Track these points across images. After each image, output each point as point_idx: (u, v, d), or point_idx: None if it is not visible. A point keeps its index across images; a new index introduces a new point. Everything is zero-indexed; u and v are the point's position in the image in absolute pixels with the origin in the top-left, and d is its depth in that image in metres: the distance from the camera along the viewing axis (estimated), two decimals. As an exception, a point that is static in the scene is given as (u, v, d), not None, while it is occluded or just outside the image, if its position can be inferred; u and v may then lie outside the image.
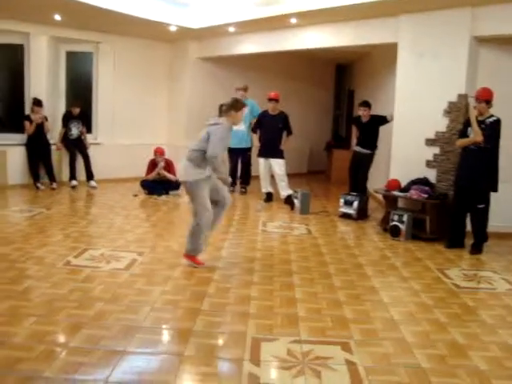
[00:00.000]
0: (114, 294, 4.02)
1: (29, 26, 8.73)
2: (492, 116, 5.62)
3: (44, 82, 9.14)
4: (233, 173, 9.32)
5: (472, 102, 5.88)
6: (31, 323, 3.38)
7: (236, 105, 4.90)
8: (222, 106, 4.98)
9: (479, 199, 5.77)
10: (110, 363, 2.90)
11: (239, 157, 9.24)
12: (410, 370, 3.00)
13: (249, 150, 9.13)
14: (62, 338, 3.24)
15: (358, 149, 7.84)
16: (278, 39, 8.64)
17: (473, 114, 5.70)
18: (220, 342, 3.31)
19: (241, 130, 8.87)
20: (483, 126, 5.59)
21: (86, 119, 9.44)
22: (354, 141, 8.02)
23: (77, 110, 9.14)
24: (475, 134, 5.62)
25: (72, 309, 3.68)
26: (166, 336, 3.43)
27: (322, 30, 7.96)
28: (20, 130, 8.84)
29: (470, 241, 5.93)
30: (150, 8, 8.18)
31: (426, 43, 6.57)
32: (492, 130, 5.57)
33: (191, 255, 4.86)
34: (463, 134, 5.86)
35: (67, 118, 9.12)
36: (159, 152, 8.87)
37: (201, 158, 4.70)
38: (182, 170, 4.84)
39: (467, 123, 5.82)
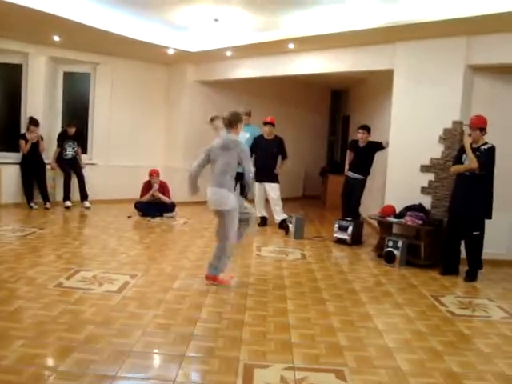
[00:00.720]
0: (105, 317, 3.96)
1: (28, 46, 8.80)
2: (487, 143, 5.66)
3: (41, 102, 9.17)
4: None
5: (466, 129, 5.92)
6: (20, 345, 3.31)
7: (240, 116, 5.04)
8: (224, 119, 5.01)
9: (474, 226, 5.77)
10: (99, 388, 2.85)
11: (238, 181, 9.18)
12: (404, 399, 2.96)
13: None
14: (51, 362, 3.18)
15: (350, 174, 7.84)
16: (275, 64, 8.71)
17: (467, 141, 5.73)
18: (212, 367, 3.25)
19: None
20: (478, 153, 5.62)
21: (81, 139, 9.44)
22: (346, 166, 8.02)
23: (72, 130, 9.14)
24: (470, 161, 5.64)
25: (62, 331, 3.61)
26: (157, 361, 3.37)
27: (319, 55, 8.03)
28: (15, 148, 8.83)
29: (465, 268, 5.91)
30: (148, 31, 8.25)
31: (422, 70, 6.64)
32: (487, 157, 5.59)
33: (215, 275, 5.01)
34: (458, 160, 5.88)
35: (62, 138, 9.12)
36: (154, 173, 8.86)
37: (231, 180, 4.88)
38: (221, 198, 4.88)
39: (462, 150, 5.85)
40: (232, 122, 4.95)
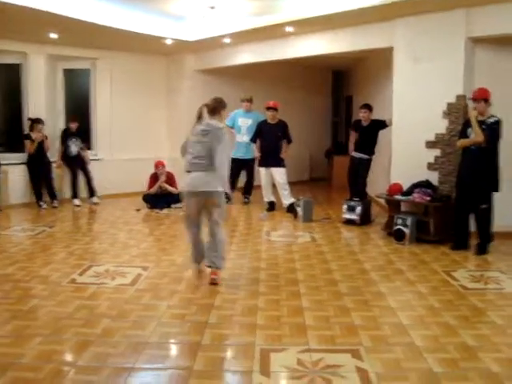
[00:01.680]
0: (120, 310, 4.00)
1: (26, 45, 8.80)
2: (492, 116, 5.63)
3: (42, 101, 9.18)
4: (234, 183, 9.30)
5: (471, 103, 5.89)
6: (38, 343, 3.35)
7: (224, 103, 4.89)
8: (207, 106, 4.83)
9: (482, 199, 5.76)
10: (119, 380, 2.88)
11: (243, 167, 9.21)
12: (421, 374, 2.97)
13: (253, 160, 9.10)
14: (69, 357, 3.22)
15: (355, 154, 7.82)
16: (274, 48, 8.68)
17: (473, 114, 5.70)
18: (229, 354, 3.28)
19: (242, 141, 8.93)
20: (484, 126, 5.59)
21: (84, 135, 9.43)
22: (351, 146, 7.98)
23: (75, 126, 9.13)
24: (476, 135, 5.62)
25: (79, 327, 3.65)
26: (174, 351, 3.40)
27: (318, 37, 7.99)
28: (20, 149, 8.85)
29: (475, 241, 5.90)
30: (145, 22, 8.21)
31: (422, 46, 6.58)
32: (493, 130, 5.57)
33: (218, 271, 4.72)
34: (463, 134, 5.86)
35: (65, 135, 9.13)
36: (160, 164, 8.88)
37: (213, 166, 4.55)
38: (206, 180, 4.51)
39: (467, 124, 5.82)
40: (215, 109, 4.80)
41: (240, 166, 9.13)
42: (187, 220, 4.76)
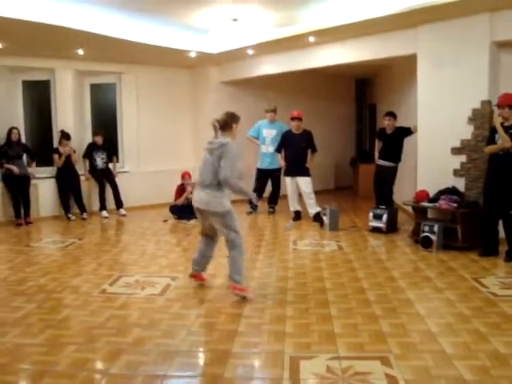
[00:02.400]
0: (150, 320, 4.06)
1: (54, 62, 9.03)
2: None
3: (70, 115, 9.38)
4: (260, 193, 9.35)
5: (496, 110, 5.85)
6: (72, 351, 3.43)
7: (236, 117, 4.72)
8: (218, 121, 4.72)
9: (510, 205, 5.70)
10: (151, 388, 2.94)
11: (269, 177, 9.29)
12: (451, 381, 2.96)
13: (279, 170, 9.15)
14: (102, 365, 3.28)
15: (381, 162, 7.79)
16: (297, 58, 8.73)
17: (497, 121, 5.68)
18: (258, 362, 3.31)
19: (267, 152, 9.01)
20: (511, 131, 5.55)
21: (111, 148, 9.61)
22: (376, 154, 7.98)
23: (100, 139, 9.30)
24: (503, 141, 5.59)
25: (110, 336, 3.72)
26: (204, 358, 3.44)
27: (340, 46, 8.02)
28: (49, 163, 9.05)
29: (505, 248, 5.84)
30: (169, 36, 8.35)
31: (446, 52, 6.57)
32: None
33: (239, 286, 4.55)
34: (491, 140, 5.82)
35: (91, 149, 9.31)
36: (187, 175, 8.97)
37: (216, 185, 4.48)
38: (212, 200, 4.48)
39: (494, 129, 5.78)
40: (226, 123, 4.66)
41: (266, 176, 9.21)
42: (200, 229, 4.95)
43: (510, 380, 2.98)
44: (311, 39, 7.95)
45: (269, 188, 9.45)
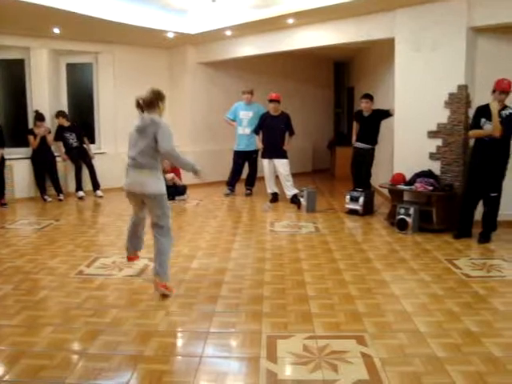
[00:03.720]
0: (128, 301, 4.07)
1: (28, 40, 8.82)
2: (507, 107, 5.64)
3: (46, 95, 9.21)
4: (237, 175, 9.38)
5: (497, 94, 5.70)
6: (49, 332, 3.43)
7: (161, 95, 4.44)
8: (143, 99, 4.43)
9: (492, 188, 5.79)
10: (129, 368, 2.95)
11: (246, 160, 9.31)
12: (425, 359, 3.04)
13: (255, 152, 9.18)
14: (80, 346, 3.28)
15: (358, 145, 7.84)
16: (276, 40, 8.70)
17: (495, 108, 5.62)
18: (236, 341, 3.35)
19: (244, 133, 9.02)
20: (500, 118, 5.59)
21: (79, 129, 9.42)
22: (353, 137, 8.02)
23: (63, 121, 9.16)
24: (494, 129, 5.59)
25: (88, 317, 3.73)
26: (182, 339, 3.47)
27: (319, 28, 8.01)
28: (24, 143, 8.92)
29: (478, 230, 5.95)
30: (147, 16, 8.25)
31: (423, 36, 6.60)
32: (509, 122, 5.58)
33: (166, 283, 4.22)
34: (476, 124, 5.84)
35: (61, 131, 9.18)
36: None
37: (157, 163, 4.20)
38: (150, 182, 4.16)
39: (480, 114, 5.79)
40: (151, 103, 4.37)
41: (243, 158, 9.22)
42: (133, 209, 4.53)
43: (479, 356, 3.07)
44: (290, 21, 7.92)
45: (246, 170, 9.46)
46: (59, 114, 9.18)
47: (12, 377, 2.84)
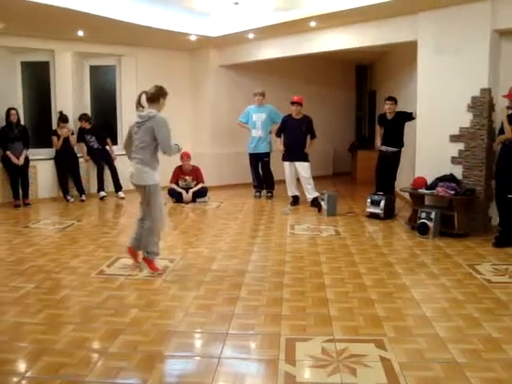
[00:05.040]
0: (148, 301, 4.10)
1: (53, 43, 8.97)
2: None
3: (69, 97, 9.35)
4: (257, 176, 9.42)
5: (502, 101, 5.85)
6: (70, 330, 3.48)
7: (164, 91, 4.85)
8: (145, 93, 4.84)
9: (509, 189, 5.77)
10: (148, 367, 2.97)
11: (257, 161, 9.34)
12: (445, 365, 3.00)
13: (267, 155, 9.21)
14: (100, 344, 3.32)
15: (384, 148, 7.79)
16: (298, 43, 8.71)
17: (504, 112, 5.75)
18: (254, 343, 3.35)
19: (257, 136, 9.06)
20: None
21: (101, 131, 9.51)
22: (378, 141, 7.99)
23: (85, 124, 9.26)
24: (506, 132, 5.70)
25: (108, 316, 3.76)
26: (201, 339, 3.48)
27: (341, 31, 8.00)
28: (48, 144, 9.05)
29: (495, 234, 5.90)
30: (170, 19, 8.32)
31: (446, 39, 6.55)
32: None
33: (150, 259, 4.87)
34: (502, 131, 5.90)
35: (82, 133, 9.30)
36: (185, 156, 8.91)
37: (152, 156, 4.72)
38: (139, 174, 4.73)
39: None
40: (154, 97, 4.78)
41: (255, 160, 9.28)
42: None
43: (500, 362, 3.02)
44: (312, 24, 7.92)
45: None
46: (81, 117, 9.30)
47: (33, 373, 2.88)
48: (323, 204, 7.78)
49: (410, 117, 7.46)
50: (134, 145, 4.79)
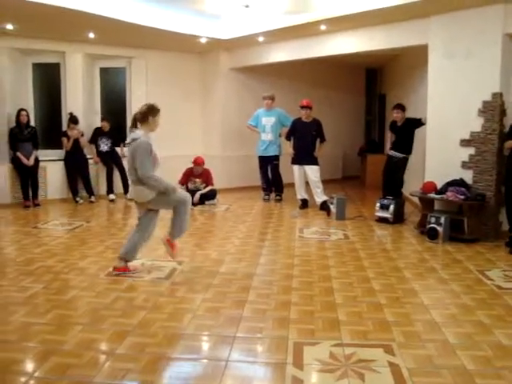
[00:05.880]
0: (156, 303, 4.10)
1: (64, 45, 9.02)
2: None
3: (80, 99, 9.39)
4: (266, 179, 9.42)
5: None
6: (78, 331, 3.48)
7: (153, 109, 4.81)
8: (136, 114, 4.87)
9: None
10: (156, 369, 2.97)
11: (266, 165, 9.34)
12: (454, 371, 2.97)
13: (276, 158, 9.22)
14: (108, 346, 3.32)
15: (391, 153, 7.79)
16: (308, 46, 8.70)
17: None
18: (262, 346, 3.34)
19: (267, 139, 9.07)
20: None
21: (117, 135, 9.54)
22: (387, 145, 7.99)
23: (106, 125, 9.35)
24: None
25: (116, 317, 3.76)
26: (209, 342, 3.47)
27: (352, 35, 7.98)
28: (58, 146, 9.09)
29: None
30: (180, 21, 8.34)
31: (457, 43, 6.52)
32: None
33: (124, 266, 4.88)
34: (510, 136, 5.90)
35: (97, 134, 9.36)
36: (199, 162, 8.94)
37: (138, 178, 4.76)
38: (137, 193, 4.80)
39: None
40: (143, 116, 4.78)
41: (264, 163, 9.28)
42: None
43: (511, 370, 2.99)
44: (323, 27, 7.91)
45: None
46: (104, 118, 9.39)
47: (41, 374, 2.89)
48: (332, 208, 7.76)
49: (419, 123, 7.43)
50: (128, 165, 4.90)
